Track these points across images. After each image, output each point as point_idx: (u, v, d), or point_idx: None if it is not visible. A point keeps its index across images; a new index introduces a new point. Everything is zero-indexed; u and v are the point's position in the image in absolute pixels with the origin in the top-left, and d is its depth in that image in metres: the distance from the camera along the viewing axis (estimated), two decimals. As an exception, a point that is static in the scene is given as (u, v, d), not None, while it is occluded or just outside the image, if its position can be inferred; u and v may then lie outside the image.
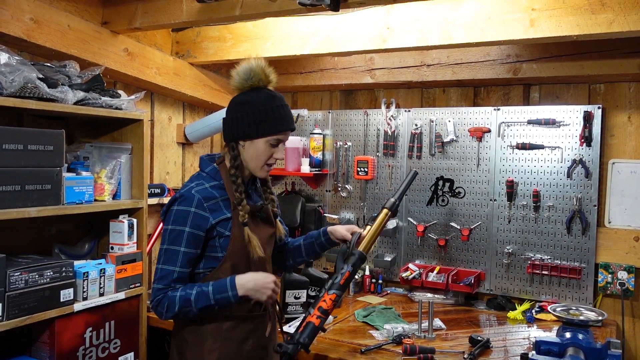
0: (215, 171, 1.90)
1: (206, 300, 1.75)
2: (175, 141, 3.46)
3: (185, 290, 1.78)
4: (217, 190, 1.87)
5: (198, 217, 1.80)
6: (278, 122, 1.84)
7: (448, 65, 3.13)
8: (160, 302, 1.79)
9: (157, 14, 2.61)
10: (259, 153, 1.86)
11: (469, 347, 2.41)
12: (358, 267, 1.94)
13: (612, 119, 2.94)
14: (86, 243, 2.65)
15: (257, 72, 1.85)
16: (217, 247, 1.84)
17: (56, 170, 2.23)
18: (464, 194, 3.22)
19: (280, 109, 1.85)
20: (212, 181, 1.88)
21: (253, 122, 1.82)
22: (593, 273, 2.91)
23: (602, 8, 2.22)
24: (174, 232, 1.80)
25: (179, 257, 1.78)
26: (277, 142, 1.87)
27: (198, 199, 1.81)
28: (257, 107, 1.82)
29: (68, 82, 2.36)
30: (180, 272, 1.80)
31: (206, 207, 1.81)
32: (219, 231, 1.83)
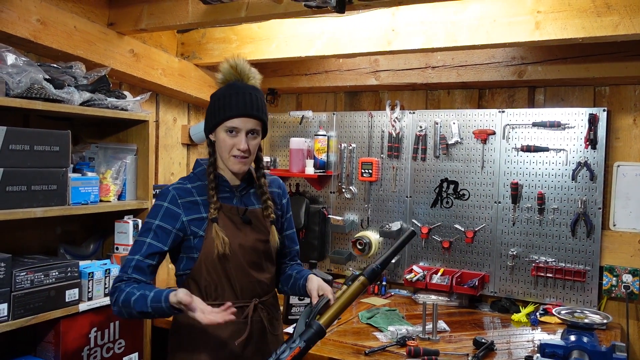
0: (203, 172, 1.88)
1: (144, 305, 1.64)
2: (180, 142, 3.47)
3: (134, 289, 1.68)
4: (198, 190, 1.84)
5: (169, 211, 1.78)
6: (227, 108, 1.76)
7: (453, 67, 3.13)
8: (112, 294, 1.73)
9: (163, 15, 2.62)
10: (221, 144, 1.80)
11: (473, 349, 2.41)
12: (313, 343, 1.64)
13: (618, 122, 2.93)
14: (91, 243, 2.66)
15: (227, 70, 1.82)
16: (193, 247, 1.81)
17: (62, 170, 2.24)
18: (469, 196, 3.22)
19: (235, 95, 1.77)
20: (196, 181, 1.87)
21: (211, 112, 1.81)
22: (598, 276, 2.90)
23: (607, 11, 2.22)
24: (146, 224, 1.80)
25: (143, 248, 1.75)
26: (233, 129, 1.77)
27: (172, 195, 1.80)
28: (216, 97, 1.81)
29: (74, 83, 2.38)
30: (139, 261, 1.74)
31: (180, 204, 1.79)
32: (193, 230, 1.80)
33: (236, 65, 1.81)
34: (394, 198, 3.44)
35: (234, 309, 1.66)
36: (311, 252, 3.54)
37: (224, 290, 1.82)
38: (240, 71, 1.82)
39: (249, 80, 1.83)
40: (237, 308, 1.80)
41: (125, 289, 1.69)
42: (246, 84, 1.81)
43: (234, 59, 1.82)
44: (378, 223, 3.48)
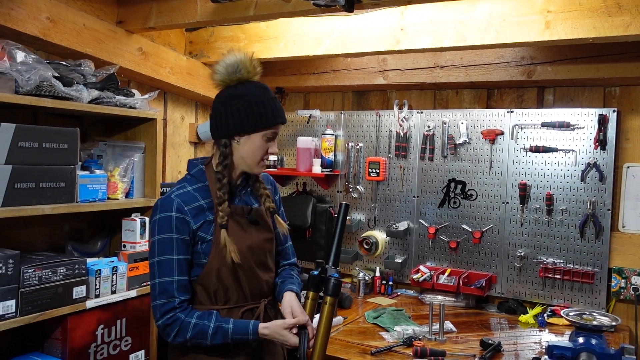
0: (201, 172, 1.80)
1: (224, 338, 1.66)
2: (188, 140, 3.48)
3: (202, 320, 1.66)
4: (200, 193, 1.76)
5: (180, 221, 1.69)
6: (275, 114, 1.75)
7: (461, 66, 3.12)
8: (171, 325, 1.66)
9: (172, 13, 2.62)
10: (256, 148, 1.76)
11: (479, 350, 2.39)
12: None
13: (628, 123, 2.91)
14: (99, 241, 2.67)
15: (245, 64, 1.74)
16: (200, 252, 1.74)
17: (70, 168, 2.25)
18: (476, 196, 3.20)
19: (274, 101, 1.77)
20: (196, 183, 1.78)
21: (250, 115, 1.72)
22: (606, 278, 2.88)
23: (618, 11, 2.20)
24: (161, 241, 1.68)
25: (174, 266, 1.68)
26: (273, 135, 1.78)
27: (177, 203, 1.70)
28: (253, 100, 1.73)
29: (83, 81, 2.38)
30: (180, 281, 1.68)
31: (187, 211, 1.71)
32: (201, 236, 1.73)
33: (254, 63, 1.76)
34: (401, 198, 3.43)
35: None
36: (317, 252, 3.53)
37: (234, 293, 1.78)
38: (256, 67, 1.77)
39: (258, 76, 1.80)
40: (248, 310, 1.80)
41: (190, 321, 1.66)
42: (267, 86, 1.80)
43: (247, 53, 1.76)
44: (385, 223, 3.47)
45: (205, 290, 1.76)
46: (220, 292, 1.76)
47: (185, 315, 1.67)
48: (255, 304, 1.83)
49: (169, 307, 1.66)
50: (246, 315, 1.80)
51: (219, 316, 1.70)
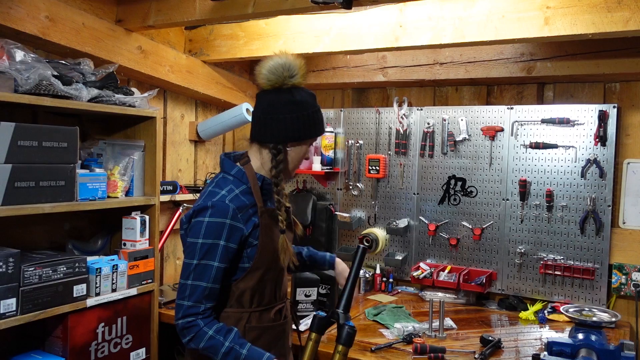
0: (242, 173, 1.76)
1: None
2: (188, 139, 3.48)
3: (219, 335, 1.63)
4: (246, 197, 1.73)
5: (234, 229, 1.67)
6: (319, 125, 1.80)
7: (461, 63, 3.11)
8: (189, 329, 1.64)
9: (171, 12, 2.62)
10: (301, 156, 1.81)
11: (480, 347, 2.40)
12: None
13: (628, 119, 2.90)
14: (99, 239, 2.67)
15: (302, 69, 1.74)
16: (245, 257, 1.73)
17: (70, 166, 2.25)
18: (476, 193, 3.20)
19: (320, 112, 1.82)
20: (240, 185, 1.74)
21: (307, 124, 1.74)
22: (607, 274, 2.88)
23: (618, 6, 2.19)
24: (206, 245, 1.65)
25: (212, 273, 1.65)
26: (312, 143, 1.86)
27: (233, 210, 1.66)
28: (310, 109, 1.75)
29: (82, 80, 2.38)
30: (212, 289, 1.66)
31: (240, 218, 1.68)
32: (249, 241, 1.72)
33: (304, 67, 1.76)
34: (401, 195, 3.43)
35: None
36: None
37: (268, 295, 1.80)
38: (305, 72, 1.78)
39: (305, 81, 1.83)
40: (277, 310, 1.84)
41: (207, 332, 1.63)
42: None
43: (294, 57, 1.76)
44: (385, 220, 3.47)
45: (242, 295, 1.75)
46: (257, 295, 1.77)
47: (205, 323, 1.65)
48: (282, 304, 1.87)
49: (193, 311, 1.64)
50: (276, 315, 1.83)
51: (237, 336, 1.66)
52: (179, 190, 3.13)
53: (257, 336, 1.77)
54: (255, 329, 1.77)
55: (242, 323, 1.75)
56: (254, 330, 1.77)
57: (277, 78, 1.71)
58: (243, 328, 1.74)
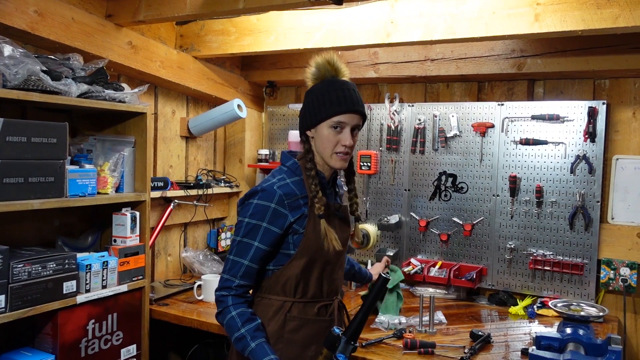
0: (296, 166, 1.84)
1: (242, 349, 1.69)
2: (179, 134, 3.47)
3: (240, 318, 1.70)
4: (297, 186, 1.80)
5: (277, 213, 1.73)
6: (335, 103, 1.74)
7: (452, 60, 3.12)
8: (220, 303, 1.75)
9: (161, 7, 2.61)
10: (324, 140, 1.77)
11: (469, 341, 2.41)
12: None
13: (617, 115, 2.92)
14: (89, 236, 2.66)
15: (321, 63, 1.79)
16: (290, 243, 1.78)
17: (59, 162, 2.24)
18: (467, 189, 3.21)
19: (340, 91, 1.76)
20: (293, 176, 1.82)
21: (314, 108, 1.77)
22: (595, 269, 2.90)
23: (607, 3, 2.20)
24: (249, 225, 1.74)
25: (251, 251, 1.73)
26: (340, 125, 1.75)
27: (279, 195, 1.74)
28: (317, 93, 1.78)
29: (72, 75, 2.36)
30: (249, 267, 1.74)
31: (286, 204, 1.75)
32: (295, 228, 1.77)
33: (333, 61, 1.80)
34: (393, 191, 3.44)
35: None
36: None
37: (312, 287, 1.82)
38: (337, 67, 1.80)
39: (344, 76, 1.82)
40: (322, 306, 1.84)
41: (231, 312, 1.71)
42: (347, 81, 1.81)
43: (329, 55, 1.80)
44: (377, 216, 3.48)
45: (287, 282, 1.79)
46: (301, 285, 1.80)
47: (233, 302, 1.72)
48: (329, 301, 1.87)
49: (227, 284, 1.74)
50: (321, 311, 1.84)
51: (255, 328, 1.70)
52: (170, 187, 3.12)
53: (297, 327, 1.80)
54: (296, 319, 1.80)
55: (283, 311, 1.79)
56: (295, 320, 1.80)
57: (310, 80, 1.82)
58: (284, 316, 1.79)
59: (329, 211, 1.83)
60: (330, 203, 1.85)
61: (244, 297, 1.76)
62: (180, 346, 3.23)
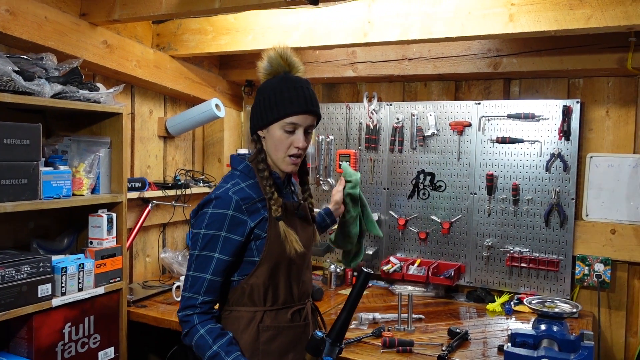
0: (249, 168, 1.73)
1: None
2: (157, 134, 3.44)
3: (210, 335, 1.61)
4: (253, 190, 1.70)
5: (236, 220, 1.64)
6: (288, 103, 1.63)
7: (429, 59, 3.14)
8: (185, 323, 1.65)
9: (136, 6, 2.58)
10: (276, 142, 1.68)
11: (447, 339, 2.43)
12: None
13: (591, 113, 2.97)
14: (65, 238, 2.62)
15: (274, 58, 1.68)
16: (254, 250, 1.69)
17: (33, 164, 2.20)
18: (445, 187, 3.24)
19: (294, 90, 1.65)
20: (247, 179, 1.72)
21: (265, 108, 1.66)
22: (571, 265, 2.95)
23: (580, 4, 2.24)
24: (207, 236, 1.64)
25: (212, 264, 1.63)
26: (293, 127, 1.66)
27: (236, 201, 1.64)
28: (269, 92, 1.66)
29: (45, 75, 2.33)
30: (212, 281, 1.63)
31: (244, 210, 1.65)
32: (257, 233, 1.68)
33: (286, 56, 1.70)
34: (372, 190, 3.45)
35: None
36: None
37: (282, 293, 1.73)
38: (290, 62, 1.71)
39: (298, 72, 1.73)
40: (296, 311, 1.77)
41: (199, 330, 1.62)
42: (299, 77, 1.71)
43: (281, 48, 1.70)
44: (356, 215, 3.48)
45: (254, 291, 1.70)
46: (270, 292, 1.71)
47: (200, 321, 1.63)
48: (301, 305, 1.80)
49: (191, 303, 1.64)
50: (294, 316, 1.77)
51: (227, 343, 1.62)
52: (147, 187, 3.09)
53: (272, 337, 1.71)
54: (271, 328, 1.71)
55: (255, 322, 1.70)
56: (269, 330, 1.71)
57: (262, 75, 1.72)
58: (257, 328, 1.70)
59: (288, 211, 1.75)
60: (288, 202, 1.77)
61: (210, 314, 1.66)
62: (159, 348, 3.21)
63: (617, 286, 2.91)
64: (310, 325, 1.83)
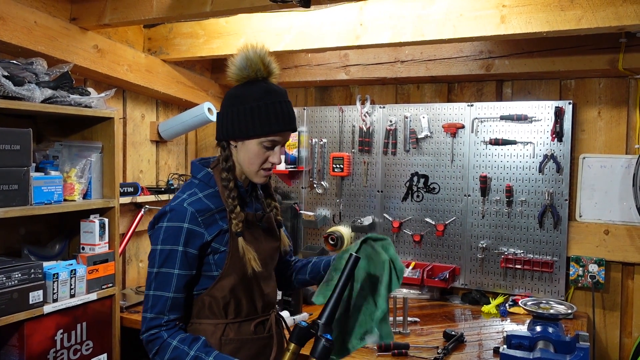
0: (209, 177, 1.66)
1: None
2: (149, 139, 3.42)
3: (183, 344, 1.54)
4: (212, 200, 1.63)
5: (192, 233, 1.57)
6: (273, 122, 1.57)
7: (422, 61, 3.14)
8: (153, 342, 1.56)
9: (127, 10, 2.57)
10: (252, 156, 1.61)
11: (443, 341, 2.43)
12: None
13: (583, 114, 2.98)
14: (57, 244, 2.60)
15: (255, 62, 1.58)
16: (212, 264, 1.62)
17: (23, 170, 2.18)
18: (439, 189, 3.24)
19: (278, 105, 1.58)
20: (206, 189, 1.65)
21: (245, 120, 1.57)
22: (565, 266, 2.95)
23: (571, 5, 2.24)
24: (164, 252, 1.56)
25: (173, 281, 1.56)
26: (272, 144, 1.60)
27: (191, 213, 1.57)
28: (251, 103, 1.57)
29: (35, 80, 2.31)
30: (174, 299, 1.57)
31: (200, 222, 1.58)
32: (214, 247, 1.61)
33: (267, 62, 1.61)
34: (366, 193, 3.45)
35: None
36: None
37: (245, 306, 1.67)
38: (270, 69, 1.62)
39: (275, 77, 1.65)
40: (259, 322, 1.72)
41: (171, 343, 1.54)
42: (282, 91, 1.64)
43: (261, 50, 1.61)
44: (350, 218, 3.48)
45: (215, 304, 1.64)
46: (232, 305, 1.65)
47: (169, 335, 1.56)
48: (265, 316, 1.74)
49: (155, 323, 1.56)
50: (258, 328, 1.71)
51: (203, 345, 1.56)
52: (140, 192, 3.07)
53: (235, 350, 1.65)
54: (233, 341, 1.66)
55: (217, 335, 1.64)
56: (231, 343, 1.65)
57: (234, 73, 1.61)
58: (219, 341, 1.64)
59: (250, 223, 1.67)
60: (251, 213, 1.70)
61: (176, 328, 1.59)
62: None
63: (611, 287, 2.92)
64: (275, 337, 1.76)
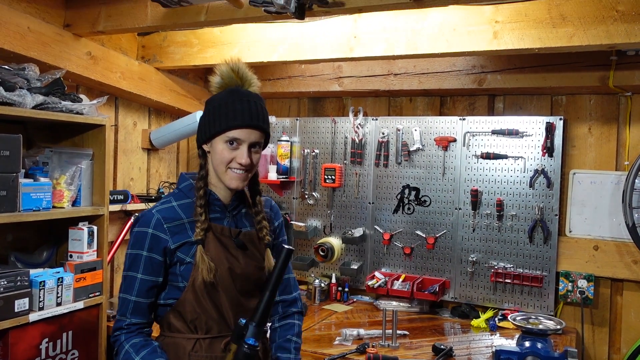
0: (189, 187, 1.65)
1: None
2: (140, 147, 3.40)
3: (133, 349, 1.54)
4: (185, 210, 1.62)
5: (155, 239, 1.57)
6: (231, 117, 1.55)
7: (415, 74, 3.16)
8: (114, 343, 1.59)
9: (121, 17, 2.57)
10: (217, 156, 1.58)
11: (432, 355, 2.42)
12: None
13: (573, 130, 3.00)
14: (44, 251, 2.57)
15: (225, 71, 1.61)
16: (178, 275, 1.59)
17: (12, 176, 2.16)
18: (430, 202, 3.24)
19: (239, 103, 1.57)
20: (183, 199, 1.64)
21: (209, 120, 1.59)
22: (554, 281, 2.96)
23: (562, 22, 2.27)
24: (131, 256, 1.59)
25: (136, 285, 1.57)
26: (236, 141, 1.57)
27: (157, 219, 1.58)
28: (215, 104, 1.60)
29: (27, 86, 2.30)
30: (137, 303, 1.57)
31: (166, 229, 1.58)
32: (180, 257, 1.59)
33: (238, 69, 1.62)
34: (357, 204, 3.44)
35: None
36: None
37: (215, 322, 1.61)
38: (242, 76, 1.62)
39: (251, 86, 1.64)
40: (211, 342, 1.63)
41: (124, 347, 1.55)
42: (249, 91, 1.62)
43: (234, 62, 1.63)
44: (341, 229, 3.48)
45: (182, 318, 1.61)
46: (200, 320, 1.60)
47: (126, 338, 1.57)
48: None
49: (118, 325, 1.59)
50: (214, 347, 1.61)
51: (150, 352, 1.54)
52: (130, 200, 3.05)
53: None
54: (203, 358, 1.60)
55: (187, 350, 1.60)
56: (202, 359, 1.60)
57: (214, 88, 1.64)
58: (188, 356, 1.59)
59: (223, 238, 1.63)
60: (225, 227, 1.64)
61: (136, 332, 1.59)
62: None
63: (600, 302, 2.93)
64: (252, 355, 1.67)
